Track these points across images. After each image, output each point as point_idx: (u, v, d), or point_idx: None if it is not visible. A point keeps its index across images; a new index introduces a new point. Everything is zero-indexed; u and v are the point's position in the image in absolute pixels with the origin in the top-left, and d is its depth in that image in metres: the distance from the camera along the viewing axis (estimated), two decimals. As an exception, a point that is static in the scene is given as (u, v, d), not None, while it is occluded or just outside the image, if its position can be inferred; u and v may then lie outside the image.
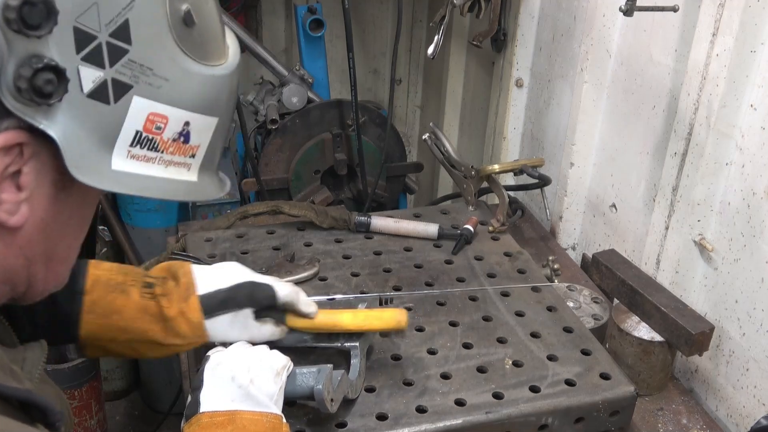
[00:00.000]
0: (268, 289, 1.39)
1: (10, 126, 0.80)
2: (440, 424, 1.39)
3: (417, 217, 2.08)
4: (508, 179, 2.51)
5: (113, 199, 2.98)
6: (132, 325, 1.32)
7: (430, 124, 2.29)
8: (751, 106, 1.60)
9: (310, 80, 2.76)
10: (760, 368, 1.62)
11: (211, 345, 1.36)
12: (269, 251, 1.91)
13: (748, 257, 1.63)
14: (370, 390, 1.46)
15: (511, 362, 1.55)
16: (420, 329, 1.64)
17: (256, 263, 1.83)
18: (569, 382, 1.50)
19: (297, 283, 1.77)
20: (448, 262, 1.91)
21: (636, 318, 1.76)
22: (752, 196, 1.61)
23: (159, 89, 0.89)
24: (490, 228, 2.04)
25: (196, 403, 1.20)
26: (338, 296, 1.74)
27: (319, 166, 2.79)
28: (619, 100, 2.06)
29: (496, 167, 2.10)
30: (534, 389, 1.48)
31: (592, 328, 1.73)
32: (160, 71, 0.89)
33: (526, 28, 2.49)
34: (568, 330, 1.66)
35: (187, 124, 0.95)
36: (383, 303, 1.72)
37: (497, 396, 1.46)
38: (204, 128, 0.98)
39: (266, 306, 1.39)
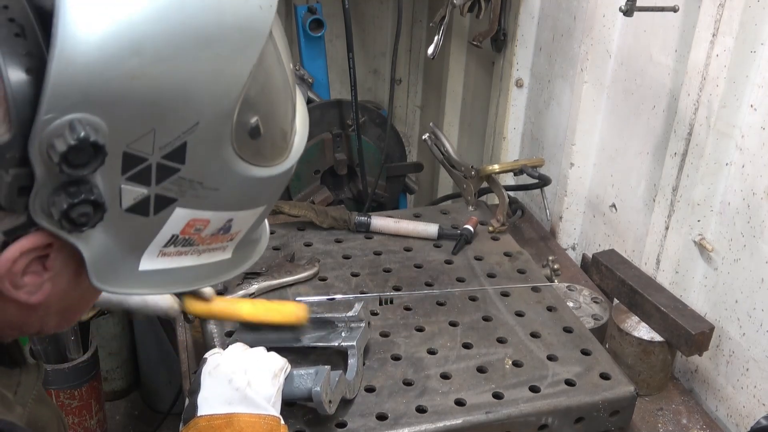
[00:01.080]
0: None
1: (40, 229, 0.75)
2: (440, 424, 1.39)
3: (417, 217, 2.08)
4: (508, 179, 2.51)
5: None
6: None
7: (430, 124, 2.29)
8: (751, 106, 1.60)
9: (310, 80, 2.76)
10: (760, 368, 1.62)
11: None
12: (269, 251, 1.91)
13: (748, 257, 1.63)
14: (370, 390, 1.46)
15: (511, 362, 1.55)
16: (420, 329, 1.64)
17: (256, 263, 1.83)
18: (569, 382, 1.50)
19: (297, 283, 1.77)
20: (448, 262, 1.91)
21: (636, 318, 1.76)
22: (752, 196, 1.61)
23: (206, 199, 0.81)
24: (490, 228, 2.04)
25: (194, 406, 1.20)
26: (338, 296, 1.74)
27: (319, 166, 2.79)
28: (619, 100, 2.06)
29: (496, 167, 2.10)
30: (534, 389, 1.48)
31: (592, 328, 1.73)
32: (210, 183, 0.80)
33: (526, 28, 2.49)
34: (568, 330, 1.66)
35: (230, 220, 0.87)
36: (383, 303, 1.72)
37: (497, 396, 1.46)
38: (247, 218, 0.91)
39: None
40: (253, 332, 1.47)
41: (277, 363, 1.27)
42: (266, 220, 1.03)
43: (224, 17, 0.75)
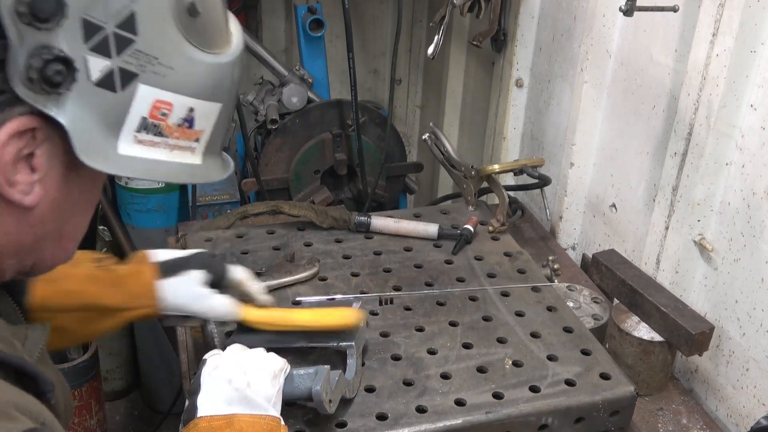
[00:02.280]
0: (222, 262, 1.46)
1: (23, 112, 0.83)
2: (440, 424, 1.39)
3: (417, 217, 2.08)
4: (508, 179, 2.51)
5: (113, 199, 2.98)
6: (81, 288, 1.33)
7: (430, 124, 2.29)
8: (751, 106, 1.60)
9: (310, 80, 2.76)
10: (760, 368, 1.62)
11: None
12: (269, 251, 1.91)
13: (748, 257, 1.63)
14: (370, 390, 1.46)
15: (511, 362, 1.55)
16: (420, 329, 1.64)
17: (256, 263, 1.83)
18: (569, 382, 1.50)
19: (297, 283, 1.78)
20: (448, 262, 1.91)
21: (636, 318, 1.76)
22: (752, 196, 1.61)
23: (164, 77, 0.91)
24: (490, 228, 2.04)
25: (194, 407, 1.20)
26: (338, 296, 1.74)
27: (319, 166, 2.79)
28: (619, 100, 2.06)
29: (496, 167, 2.10)
30: (534, 389, 1.48)
31: (592, 328, 1.73)
32: (165, 60, 0.90)
33: (526, 28, 2.49)
34: (568, 330, 1.66)
35: (191, 110, 0.96)
36: (383, 303, 1.72)
37: (497, 396, 1.46)
38: (208, 114, 1.00)
39: (218, 275, 1.44)
40: (250, 334, 1.47)
41: (277, 363, 1.27)
42: (228, 156, 1.13)
43: None
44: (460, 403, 1.44)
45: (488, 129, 2.79)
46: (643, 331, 1.72)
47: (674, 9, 1.65)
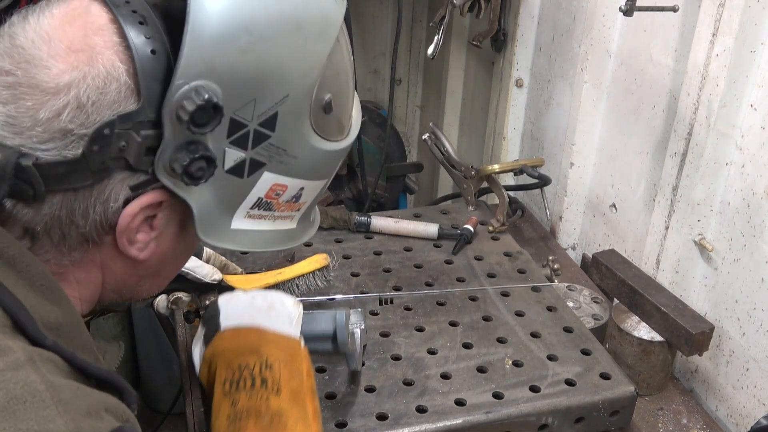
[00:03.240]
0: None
1: (156, 187, 0.90)
2: (440, 424, 1.39)
3: (417, 217, 2.08)
4: (508, 179, 2.51)
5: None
6: None
7: (430, 124, 2.29)
8: (751, 106, 1.60)
9: (311, 80, 2.76)
10: (760, 368, 1.62)
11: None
12: (269, 251, 1.90)
13: (748, 257, 1.63)
14: (370, 390, 1.46)
15: (511, 362, 1.55)
16: (420, 329, 1.64)
17: (256, 263, 1.83)
18: (569, 382, 1.50)
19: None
20: (448, 262, 1.91)
21: (636, 318, 1.76)
22: (752, 196, 1.61)
23: (287, 166, 0.98)
24: (490, 228, 2.04)
25: (216, 326, 1.21)
26: (338, 296, 1.74)
27: (319, 166, 2.79)
28: (619, 100, 2.06)
29: (496, 167, 2.10)
30: (534, 389, 1.48)
31: (592, 328, 1.73)
32: (292, 151, 0.97)
33: (526, 28, 2.49)
34: (568, 330, 1.66)
35: (302, 188, 1.03)
36: (383, 303, 1.72)
37: (497, 396, 1.46)
38: (314, 189, 1.07)
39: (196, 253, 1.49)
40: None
41: (292, 299, 1.29)
42: (317, 207, 1.19)
43: (309, 7, 0.95)
44: (460, 403, 1.44)
45: (488, 129, 2.79)
46: (643, 331, 1.72)
47: (674, 9, 1.65)
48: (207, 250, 1.54)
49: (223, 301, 1.26)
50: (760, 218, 1.59)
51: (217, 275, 1.48)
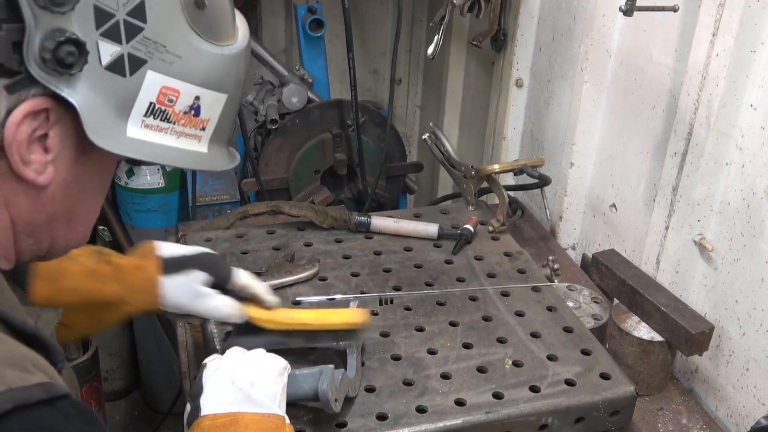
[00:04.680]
0: (227, 265, 1.46)
1: (37, 93, 0.88)
2: (440, 424, 1.39)
3: (417, 217, 2.08)
4: (508, 179, 2.51)
5: (113, 199, 2.98)
6: (82, 285, 1.35)
7: (430, 124, 2.29)
8: (751, 106, 1.60)
9: (310, 80, 2.76)
10: (760, 368, 1.62)
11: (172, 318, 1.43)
12: (269, 251, 1.91)
13: (748, 257, 1.63)
14: (370, 390, 1.46)
15: (511, 362, 1.55)
16: (420, 329, 1.64)
17: (256, 263, 1.83)
18: (569, 382, 1.50)
19: (297, 283, 1.78)
20: (448, 262, 1.91)
21: (636, 318, 1.76)
22: (752, 196, 1.61)
23: (171, 65, 0.97)
24: (490, 228, 2.04)
25: (197, 408, 1.20)
26: (338, 296, 1.74)
27: (319, 166, 2.79)
28: (619, 100, 2.06)
29: (496, 167, 2.10)
30: (534, 389, 1.48)
31: (592, 328, 1.73)
32: (172, 49, 0.96)
33: (526, 28, 2.49)
34: (568, 330, 1.66)
35: (197, 98, 1.02)
36: (383, 303, 1.72)
37: (497, 396, 1.46)
38: (214, 103, 1.05)
39: (222, 278, 1.44)
40: (248, 335, 1.46)
41: (279, 363, 1.27)
42: (234, 150, 1.18)
43: None
44: (460, 403, 1.44)
45: (488, 129, 2.79)
46: (643, 331, 1.72)
47: (674, 9, 1.65)
48: (238, 277, 1.45)
49: (207, 376, 1.24)
50: (760, 218, 1.59)
51: (236, 315, 1.44)
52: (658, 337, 1.70)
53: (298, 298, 1.72)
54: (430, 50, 2.41)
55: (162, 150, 1.01)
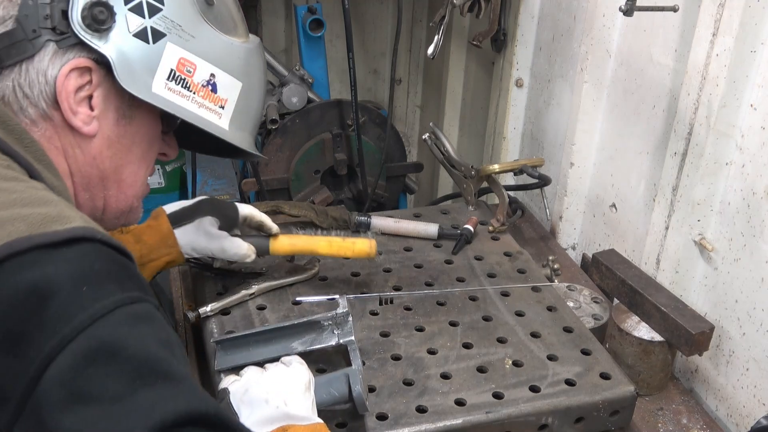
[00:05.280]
0: (232, 204, 1.66)
1: (81, 54, 1.10)
2: (440, 424, 1.39)
3: (417, 217, 2.08)
4: (508, 179, 2.51)
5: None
6: None
7: (430, 124, 2.29)
8: (751, 106, 1.60)
9: (310, 80, 2.76)
10: (760, 368, 1.62)
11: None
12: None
13: (748, 257, 1.63)
14: (370, 390, 1.46)
15: (511, 362, 1.55)
16: (420, 329, 1.64)
17: (256, 263, 1.83)
18: (569, 382, 1.50)
19: (297, 283, 1.77)
20: (448, 262, 1.91)
21: (636, 318, 1.76)
22: (752, 196, 1.61)
23: (187, 41, 1.18)
24: (490, 228, 2.04)
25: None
26: (338, 296, 1.73)
27: (319, 166, 2.79)
28: (619, 100, 2.06)
29: (496, 167, 2.10)
30: (534, 389, 1.48)
31: (592, 328, 1.73)
32: (188, 29, 1.18)
33: (526, 28, 2.49)
34: (568, 330, 1.66)
35: (213, 75, 1.22)
36: (383, 303, 1.72)
37: (497, 396, 1.46)
38: (229, 86, 1.25)
39: (230, 218, 1.64)
40: (241, 350, 1.47)
41: (303, 376, 1.28)
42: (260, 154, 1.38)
43: None
44: (460, 403, 1.44)
45: (488, 129, 2.79)
46: (643, 331, 1.72)
47: (674, 9, 1.64)
48: (243, 210, 1.66)
49: (237, 401, 1.23)
50: (760, 218, 1.59)
51: (248, 254, 1.61)
52: (658, 337, 1.70)
53: (298, 298, 1.72)
54: (430, 50, 2.41)
55: (186, 111, 1.20)
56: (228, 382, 1.29)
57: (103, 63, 1.11)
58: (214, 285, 1.75)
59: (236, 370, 1.39)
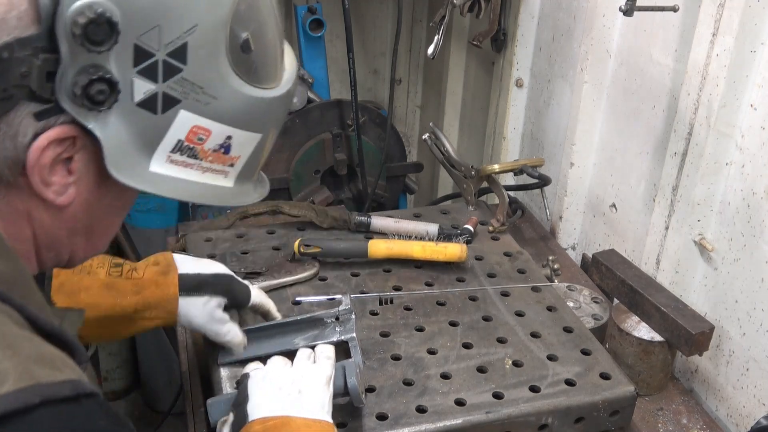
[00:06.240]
0: (246, 288, 1.50)
1: (66, 121, 0.88)
2: (440, 424, 1.39)
3: (417, 217, 2.08)
4: (508, 179, 2.51)
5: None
6: (100, 300, 1.37)
7: (430, 124, 2.29)
8: (751, 106, 1.60)
9: (310, 80, 2.76)
10: (760, 368, 1.62)
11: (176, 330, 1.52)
12: (269, 251, 1.91)
13: (748, 257, 1.63)
14: (370, 390, 1.46)
15: (511, 362, 1.55)
16: (420, 329, 1.64)
17: (256, 263, 1.83)
18: (569, 382, 1.50)
19: (297, 283, 1.78)
20: (448, 262, 1.91)
21: (636, 318, 1.76)
22: (752, 196, 1.61)
23: (206, 106, 0.95)
24: (490, 228, 2.04)
25: (244, 416, 1.19)
26: (338, 296, 1.74)
27: (319, 166, 2.79)
28: (619, 100, 2.06)
29: (496, 167, 2.10)
30: (534, 389, 1.48)
31: (592, 328, 1.73)
32: (210, 90, 0.94)
33: (526, 28, 2.49)
34: (568, 330, 1.66)
35: (229, 137, 1.00)
36: (383, 303, 1.72)
37: (497, 396, 1.46)
38: (246, 142, 1.03)
39: (239, 302, 1.49)
40: (250, 343, 1.48)
41: (325, 372, 1.27)
42: (265, 177, 1.16)
43: None
44: (460, 403, 1.44)
45: (488, 129, 2.79)
46: (643, 331, 1.72)
47: (674, 9, 1.65)
48: (255, 299, 1.52)
49: (253, 385, 1.24)
50: (760, 218, 1.59)
51: (241, 347, 1.48)
52: (658, 337, 1.70)
53: (298, 298, 1.72)
54: (430, 50, 2.41)
55: (185, 185, 1.00)
56: (251, 368, 1.31)
57: (90, 132, 0.90)
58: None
59: (240, 364, 1.43)
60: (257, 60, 0.98)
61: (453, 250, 1.83)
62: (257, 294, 1.52)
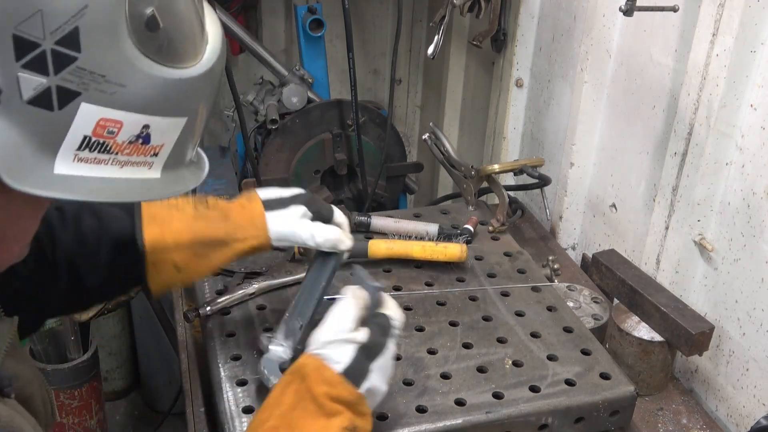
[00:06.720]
0: (329, 205, 1.50)
1: None
2: (440, 424, 1.39)
3: (417, 217, 2.08)
4: (508, 179, 2.51)
5: (113, 199, 2.97)
6: (191, 225, 1.39)
7: (430, 124, 2.29)
8: (751, 106, 1.60)
9: (310, 80, 2.76)
10: (760, 368, 1.62)
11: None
12: (269, 251, 1.90)
13: (748, 257, 1.63)
14: (370, 390, 1.46)
15: (511, 362, 1.55)
16: (420, 329, 1.64)
17: (256, 263, 1.83)
18: (569, 382, 1.50)
19: (297, 283, 1.77)
20: (448, 262, 1.90)
21: (636, 318, 1.76)
22: (752, 196, 1.61)
23: (112, 95, 0.83)
24: (490, 228, 2.04)
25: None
26: (338, 296, 1.73)
27: (319, 166, 2.79)
28: (619, 100, 2.06)
29: (496, 167, 2.10)
30: (534, 389, 1.48)
31: (592, 328, 1.73)
32: (114, 78, 0.82)
33: (526, 28, 2.49)
34: (568, 330, 1.66)
35: (146, 126, 0.88)
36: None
37: (497, 396, 1.46)
38: (169, 128, 0.91)
39: (324, 216, 1.47)
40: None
41: (392, 350, 1.27)
42: (202, 153, 1.05)
43: None
44: (460, 403, 1.44)
45: (488, 129, 2.79)
46: (643, 331, 1.72)
47: (674, 9, 1.65)
48: (338, 217, 1.50)
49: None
50: (760, 218, 1.59)
51: (343, 241, 1.47)
52: (658, 337, 1.70)
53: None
54: (430, 50, 2.41)
55: (101, 184, 0.87)
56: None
57: None
58: (214, 284, 1.75)
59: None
60: (168, 37, 0.86)
61: (453, 250, 1.83)
62: (340, 215, 1.51)
